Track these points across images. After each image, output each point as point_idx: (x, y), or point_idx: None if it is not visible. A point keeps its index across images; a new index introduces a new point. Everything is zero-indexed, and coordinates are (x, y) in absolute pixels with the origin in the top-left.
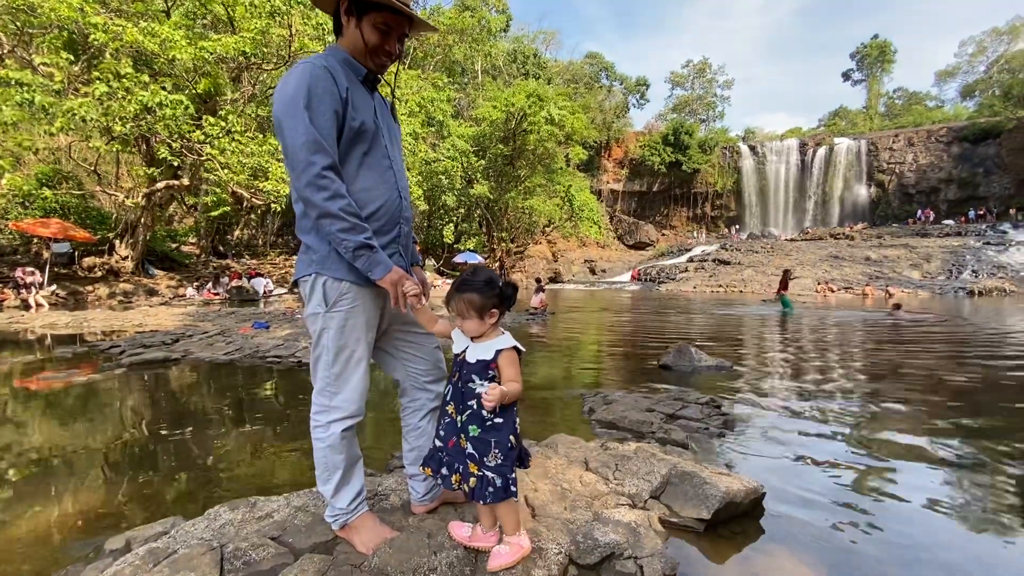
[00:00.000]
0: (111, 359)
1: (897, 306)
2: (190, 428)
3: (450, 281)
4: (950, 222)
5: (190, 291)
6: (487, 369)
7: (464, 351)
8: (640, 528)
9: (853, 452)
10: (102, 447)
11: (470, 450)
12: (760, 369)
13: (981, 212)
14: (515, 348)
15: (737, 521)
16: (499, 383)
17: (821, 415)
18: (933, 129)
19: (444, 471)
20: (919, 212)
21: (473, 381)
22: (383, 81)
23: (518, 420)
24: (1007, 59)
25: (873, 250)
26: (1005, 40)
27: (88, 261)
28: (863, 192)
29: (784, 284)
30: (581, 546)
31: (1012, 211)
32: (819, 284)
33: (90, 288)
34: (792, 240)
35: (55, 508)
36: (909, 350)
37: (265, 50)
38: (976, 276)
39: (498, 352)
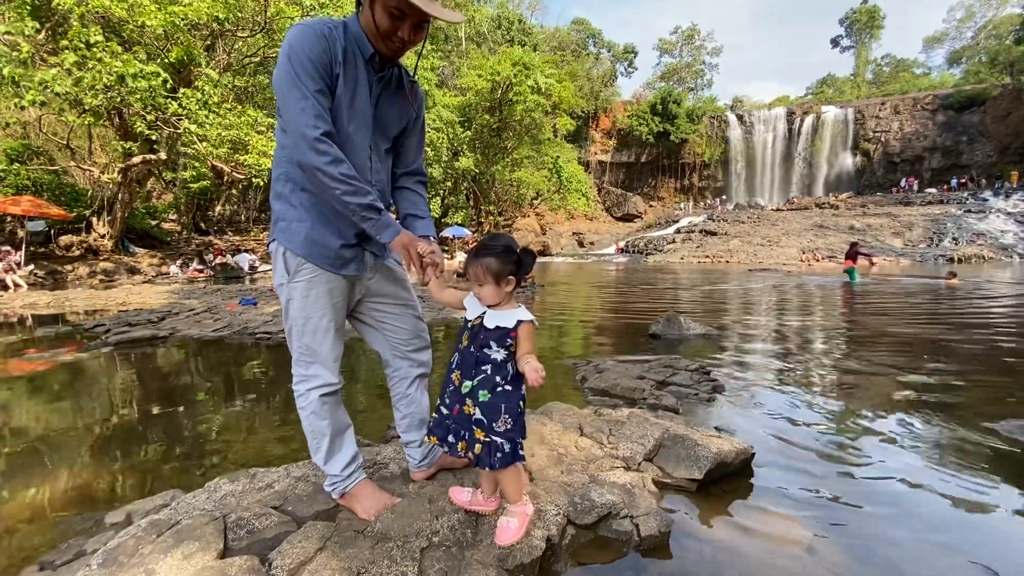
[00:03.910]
0: (96, 338)
1: (952, 274)
2: (182, 405)
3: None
4: (932, 190)
5: (173, 269)
6: (506, 337)
7: (480, 317)
8: (635, 489)
9: (839, 414)
10: (94, 425)
11: (477, 416)
12: (765, 337)
13: (963, 180)
14: (532, 321)
15: (727, 480)
16: (513, 353)
17: (810, 379)
18: (919, 97)
19: (450, 438)
20: (903, 181)
21: (490, 347)
22: (398, 65)
23: (525, 387)
24: (995, 25)
25: (857, 219)
26: (994, 5)
27: (65, 239)
28: (848, 161)
29: (853, 256)
30: (579, 507)
31: (983, 180)
32: (804, 253)
33: (69, 267)
34: (778, 210)
35: (51, 485)
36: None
37: (239, 16)
38: (956, 243)
39: (519, 322)
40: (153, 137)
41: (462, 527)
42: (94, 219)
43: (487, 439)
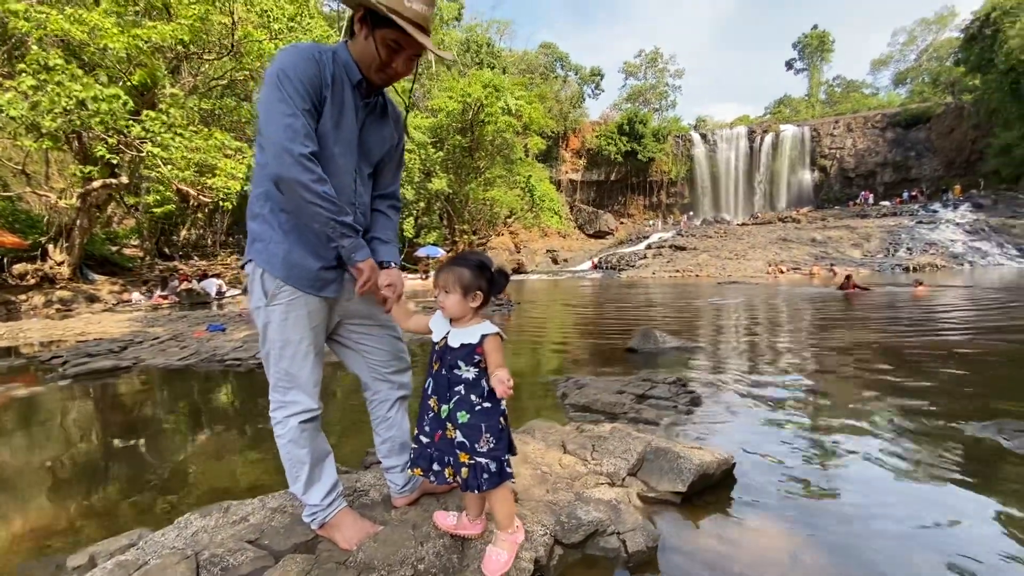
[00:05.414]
0: (53, 371)
1: (919, 282)
2: (147, 438)
3: (412, 276)
4: (887, 203)
5: (136, 296)
6: (473, 354)
7: (445, 337)
8: (620, 505)
9: (816, 420)
10: (52, 463)
11: (459, 439)
12: (740, 347)
13: (913, 193)
14: (498, 334)
15: (711, 491)
16: (484, 370)
17: (784, 388)
18: (869, 115)
19: (436, 467)
20: (860, 195)
21: (459, 367)
22: (386, 94)
23: (504, 402)
24: (935, 48)
25: (818, 232)
26: (933, 29)
27: (19, 268)
28: (807, 176)
29: (851, 286)
30: (565, 526)
31: (914, 194)
32: (770, 266)
33: (23, 297)
34: (743, 225)
35: (7, 528)
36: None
37: (205, 38)
38: (911, 253)
39: (484, 337)
40: (114, 161)
41: (448, 553)
42: (50, 246)
43: (472, 461)
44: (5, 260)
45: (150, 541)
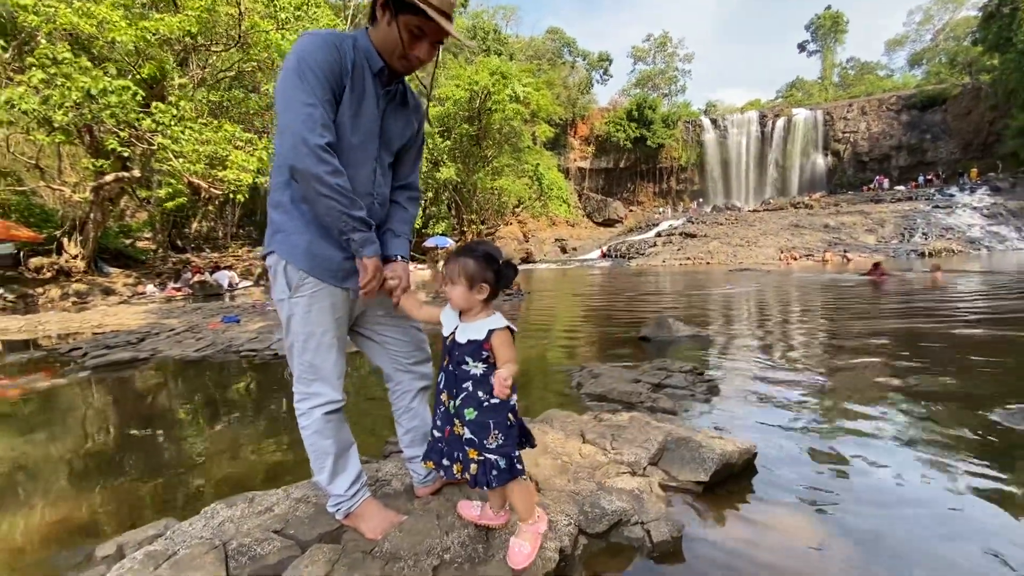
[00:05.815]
0: (72, 363)
1: (937, 267)
2: (169, 429)
3: (421, 267)
4: (901, 188)
5: (150, 288)
6: (480, 350)
7: (453, 332)
8: (643, 494)
9: (836, 407)
10: (75, 455)
11: (468, 435)
12: (756, 335)
13: (929, 177)
14: (508, 328)
15: (733, 481)
16: (494, 365)
17: (804, 376)
18: (884, 98)
19: (445, 461)
20: (874, 179)
21: (466, 363)
22: (406, 83)
23: (515, 397)
24: (952, 27)
25: (831, 217)
26: (950, 8)
27: (35, 262)
28: (820, 161)
29: (880, 270)
30: (589, 515)
31: (930, 178)
32: (782, 253)
33: (40, 290)
34: (755, 211)
35: (36, 519)
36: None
37: (213, 30)
38: (926, 238)
39: (491, 332)
40: (126, 154)
41: (473, 542)
42: (65, 240)
43: (480, 458)
44: (21, 254)
45: (177, 531)
